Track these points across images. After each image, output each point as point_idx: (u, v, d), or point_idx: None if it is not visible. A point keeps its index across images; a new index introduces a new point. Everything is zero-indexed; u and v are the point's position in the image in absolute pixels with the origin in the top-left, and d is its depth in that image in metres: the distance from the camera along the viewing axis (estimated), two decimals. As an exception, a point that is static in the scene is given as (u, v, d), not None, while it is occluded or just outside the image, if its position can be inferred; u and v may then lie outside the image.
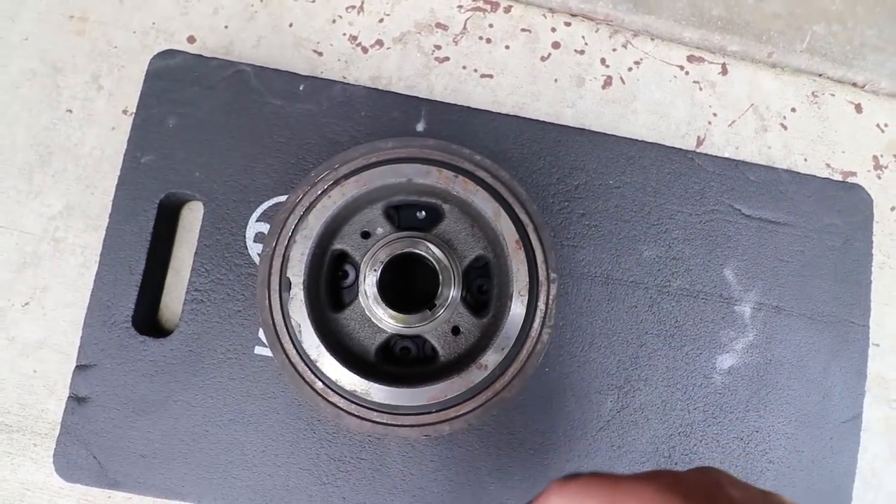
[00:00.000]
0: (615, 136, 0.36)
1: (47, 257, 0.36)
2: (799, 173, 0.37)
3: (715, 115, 0.39)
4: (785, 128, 0.40)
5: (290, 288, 0.25)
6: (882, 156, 0.41)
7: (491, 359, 0.25)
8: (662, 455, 0.33)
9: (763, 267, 0.35)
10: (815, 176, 0.37)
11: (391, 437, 0.31)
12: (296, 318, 0.24)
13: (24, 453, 0.35)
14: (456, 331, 0.28)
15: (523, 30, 0.39)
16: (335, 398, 0.24)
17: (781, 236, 0.35)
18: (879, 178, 0.40)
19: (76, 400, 0.32)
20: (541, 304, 0.26)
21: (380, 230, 0.27)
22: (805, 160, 0.40)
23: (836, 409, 0.34)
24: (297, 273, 0.25)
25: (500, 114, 0.36)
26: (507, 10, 0.39)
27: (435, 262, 0.26)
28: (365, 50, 0.38)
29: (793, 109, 0.40)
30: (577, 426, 0.32)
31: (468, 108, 0.35)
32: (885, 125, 0.41)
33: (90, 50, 0.38)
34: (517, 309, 0.25)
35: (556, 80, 0.38)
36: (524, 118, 0.36)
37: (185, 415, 0.31)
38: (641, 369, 0.33)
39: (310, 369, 0.24)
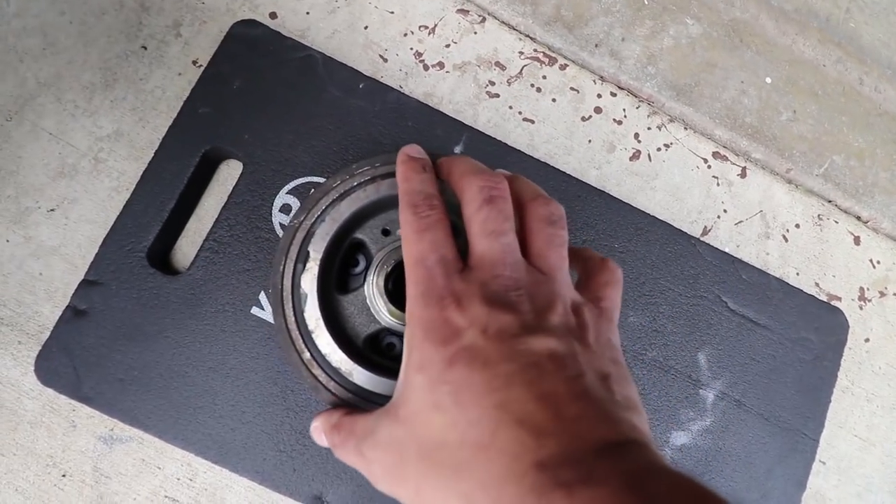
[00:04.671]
0: (630, 205, 0.39)
1: (84, 173, 0.38)
2: (788, 284, 0.39)
3: (725, 211, 0.42)
4: (786, 240, 0.43)
5: (307, 260, 0.27)
6: (868, 289, 0.43)
7: None
8: (599, 511, 0.34)
9: (735, 360, 0.37)
10: (801, 290, 0.40)
11: (354, 425, 0.32)
12: (305, 288, 0.26)
13: (6, 348, 0.36)
14: None
15: (572, 88, 0.42)
16: (317, 371, 0.26)
17: (758, 336, 0.37)
18: (861, 308, 0.43)
19: (74, 311, 0.33)
20: None
21: (399, 231, 0.29)
22: (797, 274, 0.42)
23: (771, 512, 0.36)
24: (317, 249, 0.27)
25: (532, 157, 0.38)
26: (563, 67, 0.42)
27: None
28: (426, 67, 0.41)
29: (797, 225, 0.43)
30: (528, 461, 0.34)
31: (505, 144, 0.38)
32: (878, 262, 0.44)
33: (179, -1, 0.41)
34: None
35: (589, 141, 0.41)
36: (553, 167, 0.38)
37: (171, 352, 0.33)
38: (600, 425, 0.35)
39: (303, 338, 0.26)
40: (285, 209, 0.35)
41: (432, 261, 0.21)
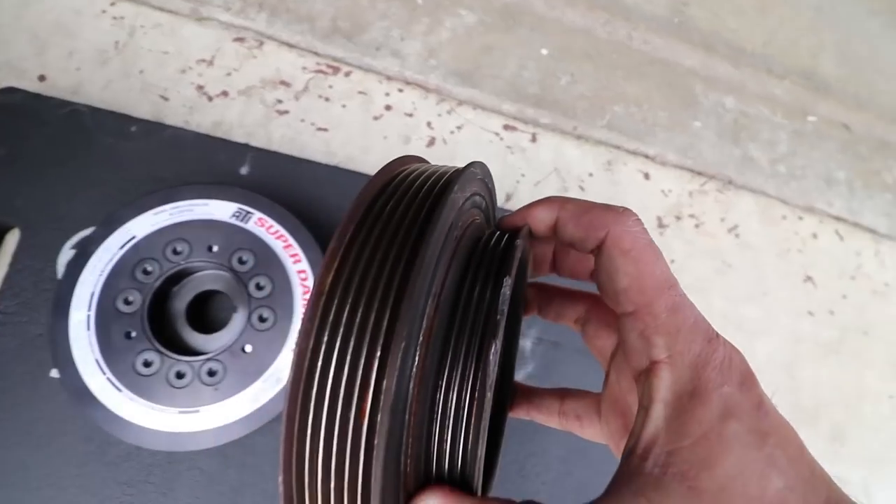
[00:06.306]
0: (428, 188, 0.41)
1: None
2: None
3: (523, 175, 0.46)
4: (583, 189, 0.47)
5: None
6: (664, 217, 0.49)
7: None
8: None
9: (546, 307, 0.40)
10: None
11: (182, 462, 0.32)
12: None
13: None
14: None
15: (360, 92, 0.45)
16: None
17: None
18: (662, 234, 0.48)
19: None
20: None
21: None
22: (599, 217, 0.47)
23: (605, 434, 0.39)
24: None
25: (325, 165, 0.40)
26: (347, 74, 0.45)
27: None
28: (210, 98, 0.42)
29: (590, 174, 0.48)
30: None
31: (291, 156, 0.39)
32: (669, 191, 0.49)
33: (-63, 78, 0.40)
34: None
35: (385, 137, 0.44)
36: (347, 170, 0.40)
37: (-30, 437, 0.31)
38: (432, 396, 0.37)
39: None
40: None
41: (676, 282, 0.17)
